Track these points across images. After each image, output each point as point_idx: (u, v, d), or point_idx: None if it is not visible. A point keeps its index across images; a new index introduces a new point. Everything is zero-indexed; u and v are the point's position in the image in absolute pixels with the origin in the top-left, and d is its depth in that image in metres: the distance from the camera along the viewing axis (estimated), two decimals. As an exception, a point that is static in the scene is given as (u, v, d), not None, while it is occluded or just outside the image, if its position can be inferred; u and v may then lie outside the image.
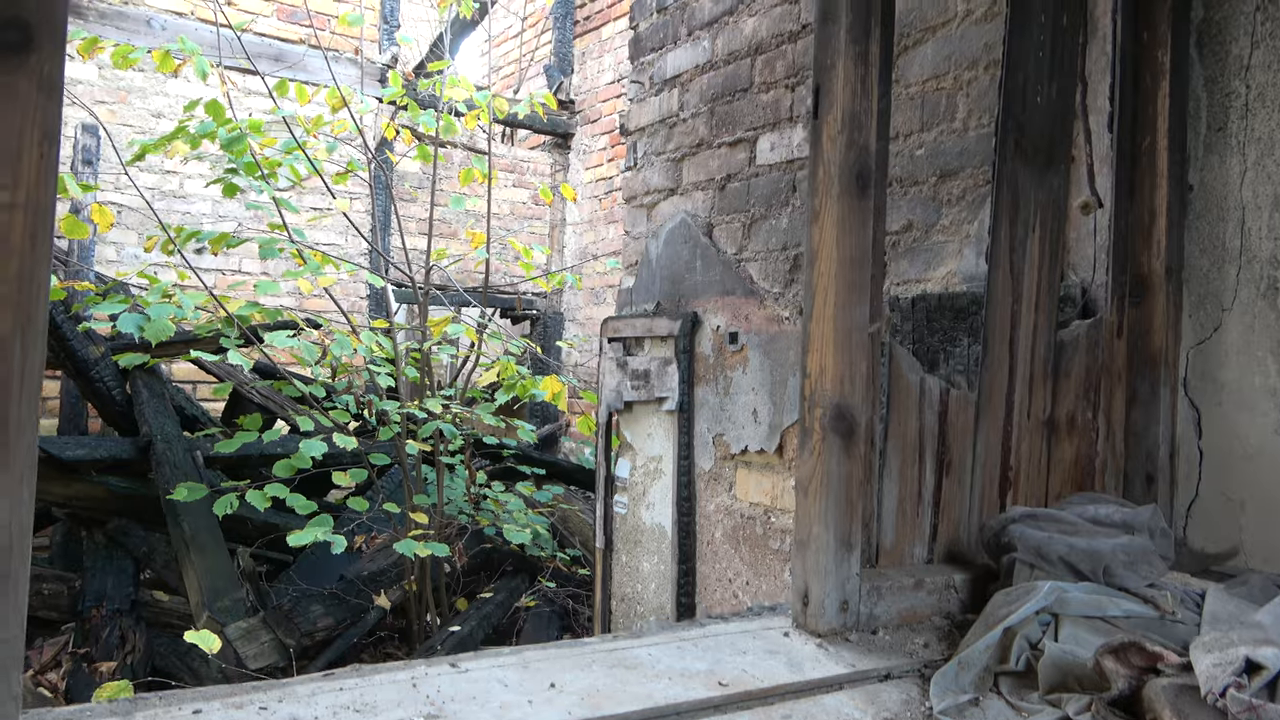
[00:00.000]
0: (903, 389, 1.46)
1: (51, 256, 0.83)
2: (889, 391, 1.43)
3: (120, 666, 3.35)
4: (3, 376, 0.79)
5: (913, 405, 1.45)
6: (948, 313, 2.01)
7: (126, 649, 3.41)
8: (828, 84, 1.25)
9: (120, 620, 3.50)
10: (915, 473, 1.43)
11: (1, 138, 0.78)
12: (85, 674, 3.28)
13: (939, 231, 2.14)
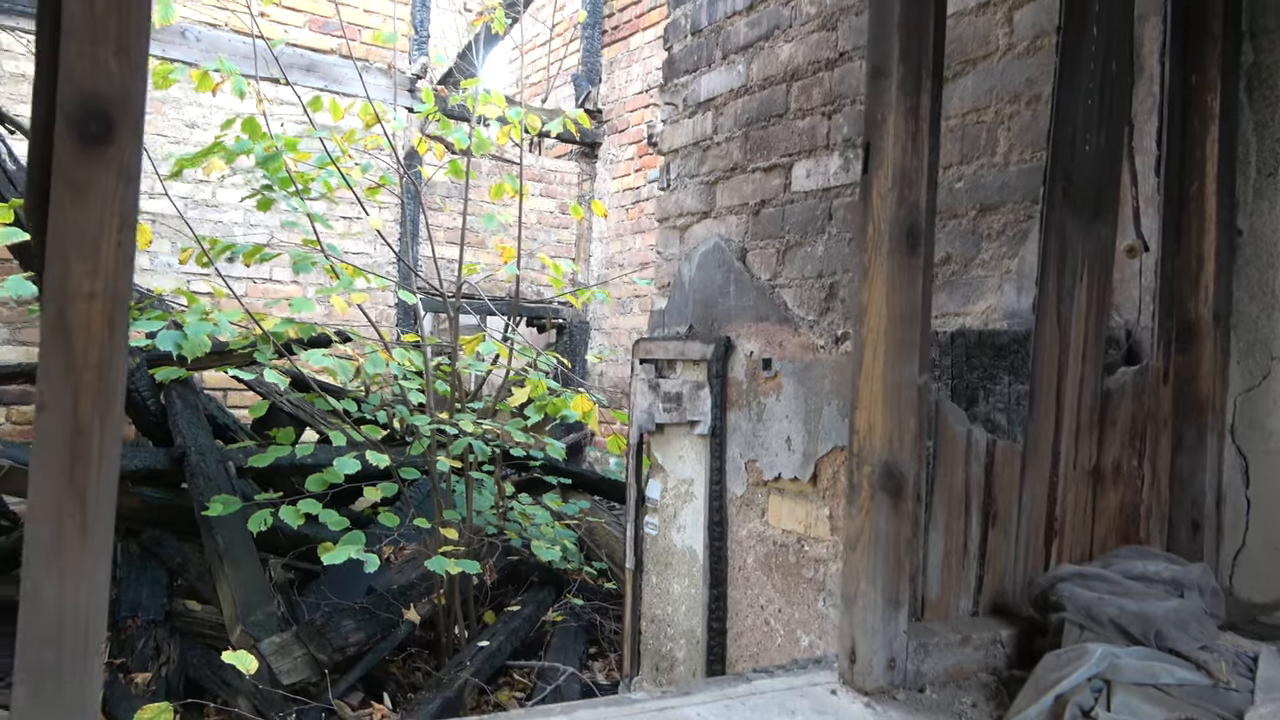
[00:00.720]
0: (949, 441, 1.46)
1: (128, 341, 0.85)
2: (935, 444, 1.43)
3: (155, 678, 3.39)
4: (83, 461, 0.81)
5: (959, 458, 1.45)
6: (988, 350, 2.00)
7: (161, 660, 3.45)
8: (878, 140, 1.25)
9: (155, 631, 3.55)
10: (961, 525, 1.43)
11: (83, 228, 0.80)
12: (122, 685, 3.33)
13: (978, 265, 2.13)
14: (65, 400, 0.80)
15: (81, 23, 0.79)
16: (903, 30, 1.23)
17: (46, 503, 0.80)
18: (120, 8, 0.80)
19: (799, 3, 2.63)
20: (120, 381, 0.83)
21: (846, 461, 1.28)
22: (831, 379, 2.45)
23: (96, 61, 0.80)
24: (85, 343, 0.80)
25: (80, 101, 0.79)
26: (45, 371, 0.80)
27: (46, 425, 0.80)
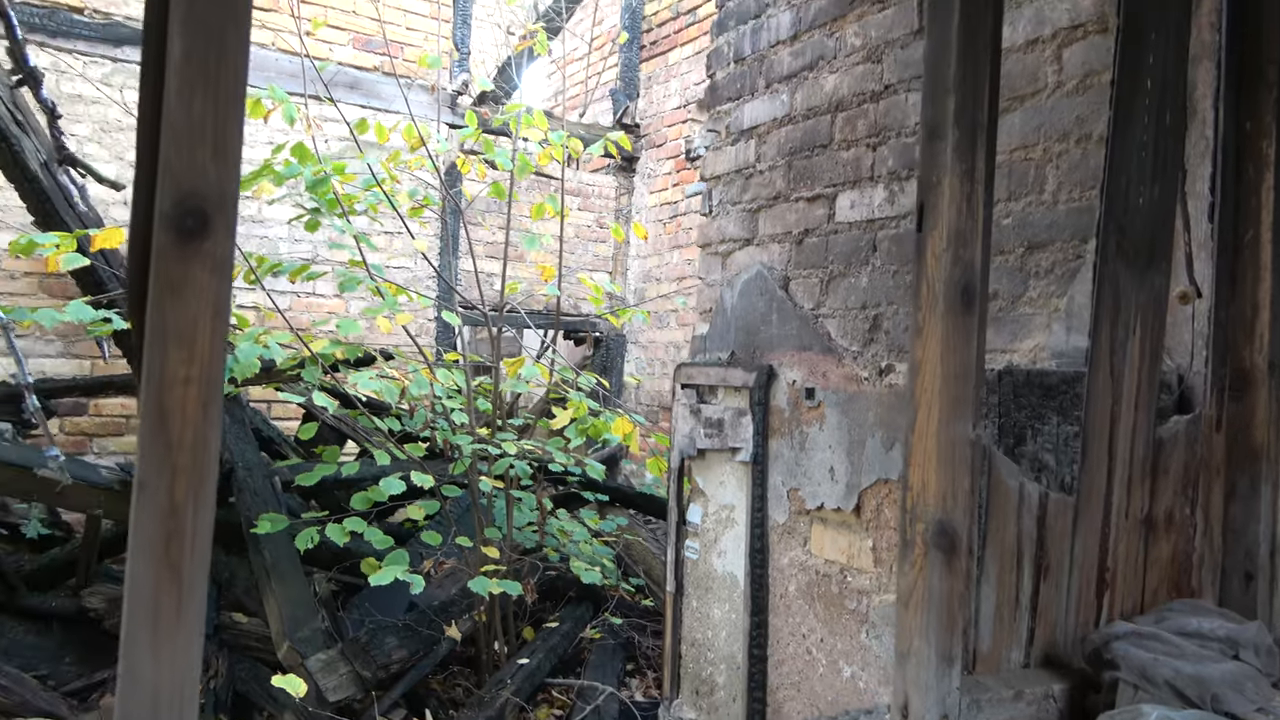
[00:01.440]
0: (1001, 494, 1.46)
1: (221, 424, 0.88)
2: (987, 497, 1.44)
3: (204, 690, 3.46)
4: (178, 539, 0.85)
5: (1011, 511, 1.45)
6: (1036, 389, 2.00)
7: (210, 673, 3.53)
8: (933, 200, 1.27)
9: (205, 644, 3.63)
10: (1013, 578, 1.44)
11: (179, 319, 0.84)
12: (172, 698, 3.40)
13: (1025, 303, 2.13)
14: (163, 480, 0.84)
15: (180, 125, 0.83)
16: (958, 93, 1.24)
17: (143, 580, 0.84)
18: (217, 111, 0.84)
19: (844, 34, 2.64)
20: (213, 462, 0.87)
21: (900, 518, 1.30)
22: (875, 411, 2.45)
23: (194, 162, 0.84)
24: (181, 425, 0.84)
25: (178, 199, 0.83)
26: (144, 453, 0.84)
27: (144, 504, 0.84)
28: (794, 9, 2.83)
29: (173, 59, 0.83)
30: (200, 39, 0.84)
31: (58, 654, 3.77)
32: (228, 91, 0.85)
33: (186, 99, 0.84)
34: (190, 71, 0.84)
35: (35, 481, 3.58)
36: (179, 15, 0.83)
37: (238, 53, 0.85)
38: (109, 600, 3.80)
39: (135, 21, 5.15)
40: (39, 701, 3.27)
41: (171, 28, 0.84)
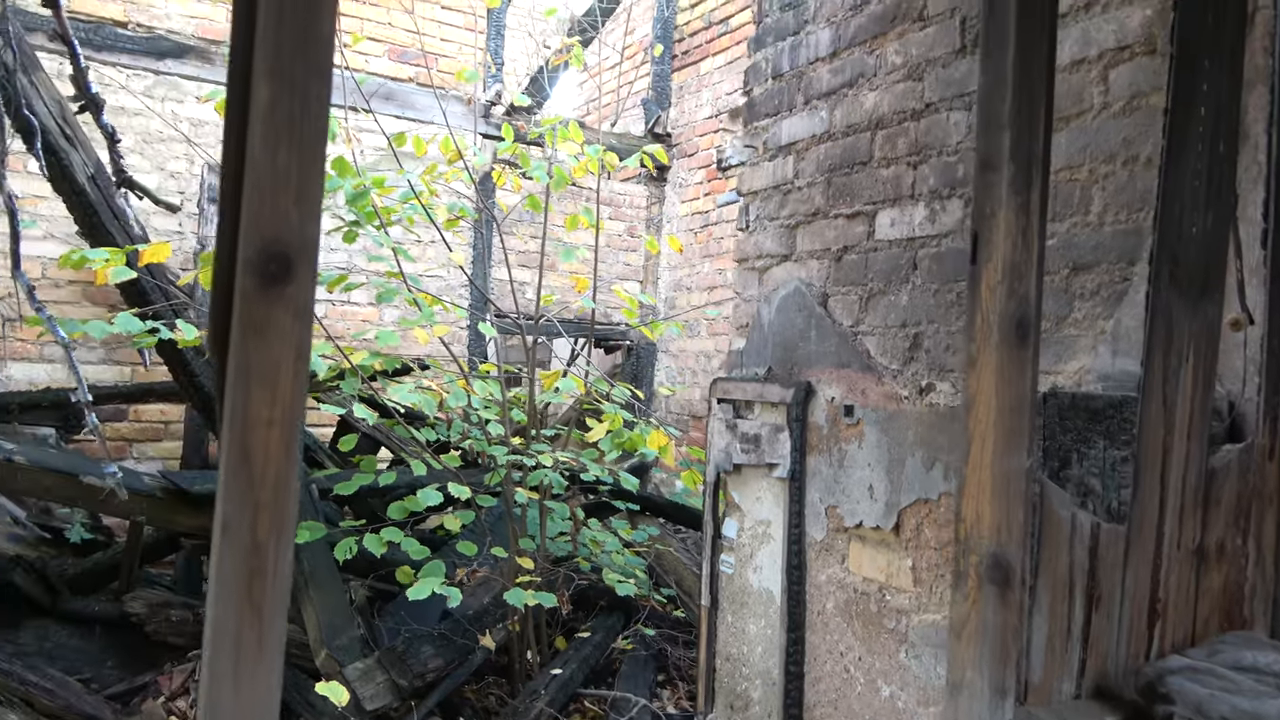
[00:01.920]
0: (1054, 525, 1.46)
1: (300, 461, 0.90)
2: (1040, 528, 1.44)
3: (243, 697, 3.51)
4: (260, 576, 0.87)
5: (1063, 542, 1.45)
6: (1082, 413, 1.99)
7: (249, 680, 3.58)
8: (987, 233, 1.27)
9: (243, 651, 3.68)
10: (1064, 609, 1.43)
11: (264, 363, 0.86)
12: (212, 703, 3.45)
13: (1070, 325, 2.12)
14: (245, 519, 0.86)
15: (265, 174, 0.86)
16: (1013, 127, 1.24)
17: (225, 617, 0.86)
18: (301, 160, 0.86)
19: (884, 52, 2.64)
20: (294, 501, 0.89)
21: (953, 549, 1.30)
22: (916, 430, 2.45)
23: (278, 208, 0.86)
24: (264, 464, 0.87)
25: (262, 245, 0.86)
26: (228, 493, 0.86)
27: (228, 543, 0.86)
28: (833, 26, 2.83)
29: (258, 109, 0.86)
30: (285, 90, 0.86)
31: (100, 658, 3.84)
32: (311, 141, 0.87)
33: (271, 148, 0.86)
34: (275, 121, 0.86)
35: (80, 488, 3.65)
36: (264, 67, 0.86)
37: (320, 104, 0.87)
38: (150, 605, 3.86)
39: (177, 35, 5.25)
40: (83, 705, 3.33)
41: (257, 79, 0.86)
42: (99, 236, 3.73)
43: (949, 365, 2.38)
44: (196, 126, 5.29)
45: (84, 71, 2.64)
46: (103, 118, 2.81)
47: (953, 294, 2.39)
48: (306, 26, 0.86)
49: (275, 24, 0.85)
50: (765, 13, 3.14)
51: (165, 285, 3.76)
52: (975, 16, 2.37)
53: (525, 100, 4.13)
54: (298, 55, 0.86)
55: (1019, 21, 1.23)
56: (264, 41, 0.86)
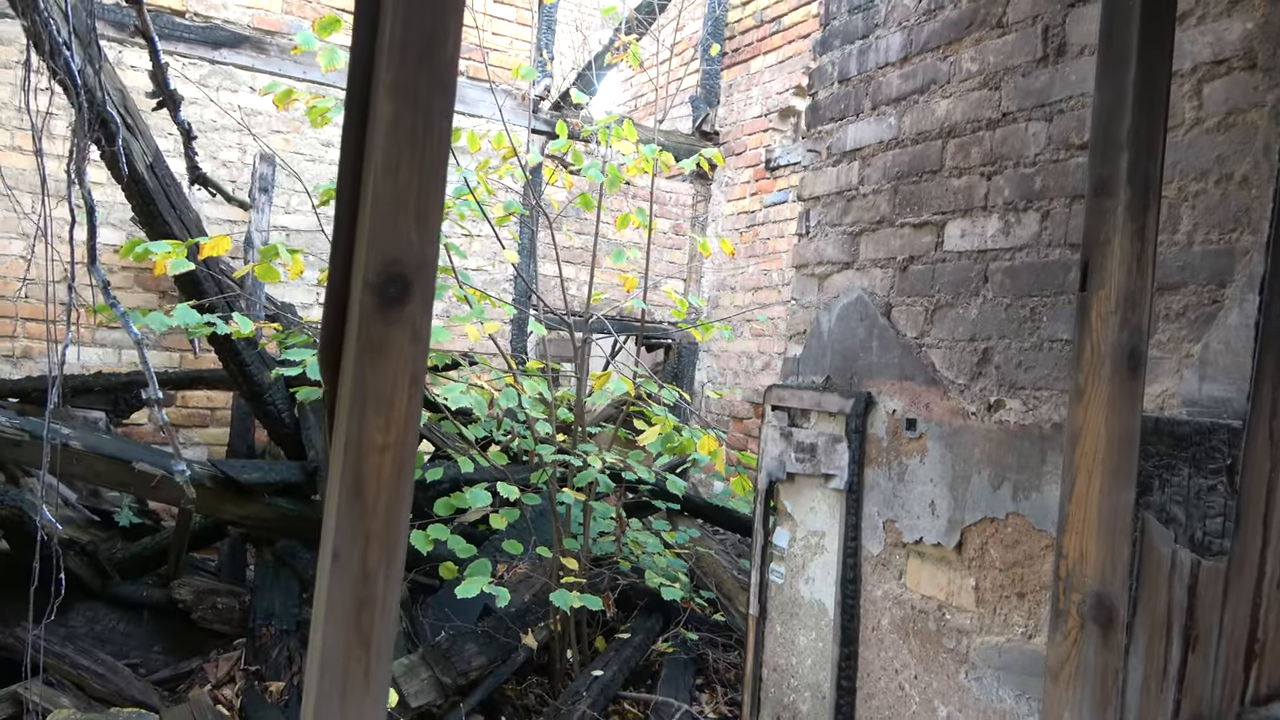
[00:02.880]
0: (1154, 563, 1.41)
1: (412, 491, 0.88)
2: (1139, 565, 1.39)
3: (288, 687, 3.53)
4: (369, 606, 0.84)
5: (1163, 579, 1.40)
6: (1166, 438, 1.93)
7: (294, 670, 3.60)
8: (1100, 259, 1.22)
9: (288, 640, 3.70)
10: (1162, 648, 1.38)
11: (380, 385, 0.84)
12: (257, 692, 3.48)
13: (1154, 346, 2.05)
14: (356, 548, 0.84)
15: (386, 194, 0.83)
16: (1132, 148, 1.19)
17: (334, 647, 0.84)
18: (422, 180, 0.83)
19: (959, 59, 2.58)
20: (405, 529, 0.87)
21: (1052, 586, 1.25)
22: (983, 448, 2.39)
23: (398, 230, 0.83)
24: (376, 491, 0.84)
25: (381, 267, 0.83)
26: (340, 522, 0.84)
27: (337, 573, 0.84)
28: (905, 31, 2.77)
29: (380, 125, 0.83)
30: (408, 108, 0.83)
31: (147, 642, 3.88)
32: (433, 160, 0.85)
33: (393, 167, 0.83)
34: (398, 138, 0.83)
35: (132, 474, 3.68)
36: (386, 83, 0.83)
37: (444, 121, 0.85)
38: (196, 592, 3.90)
39: (233, 25, 5.27)
40: (133, 691, 3.36)
41: (378, 95, 0.84)
42: (155, 224, 3.75)
43: (1020, 382, 2.32)
44: (250, 116, 5.32)
45: (164, 69, 2.65)
46: (180, 114, 2.81)
47: (1026, 309, 2.32)
48: (431, 40, 0.84)
49: (400, 37, 0.83)
50: (832, 15, 3.08)
51: (219, 276, 3.78)
52: (1059, 25, 2.30)
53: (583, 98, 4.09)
54: (421, 70, 0.84)
55: (1142, 38, 1.18)
56: (388, 55, 0.83)
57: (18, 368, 4.98)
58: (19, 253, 4.94)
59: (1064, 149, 2.26)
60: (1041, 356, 2.27)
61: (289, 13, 5.40)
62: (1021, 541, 2.27)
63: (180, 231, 3.74)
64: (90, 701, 3.30)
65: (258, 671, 3.60)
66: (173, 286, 4.93)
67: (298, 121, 5.48)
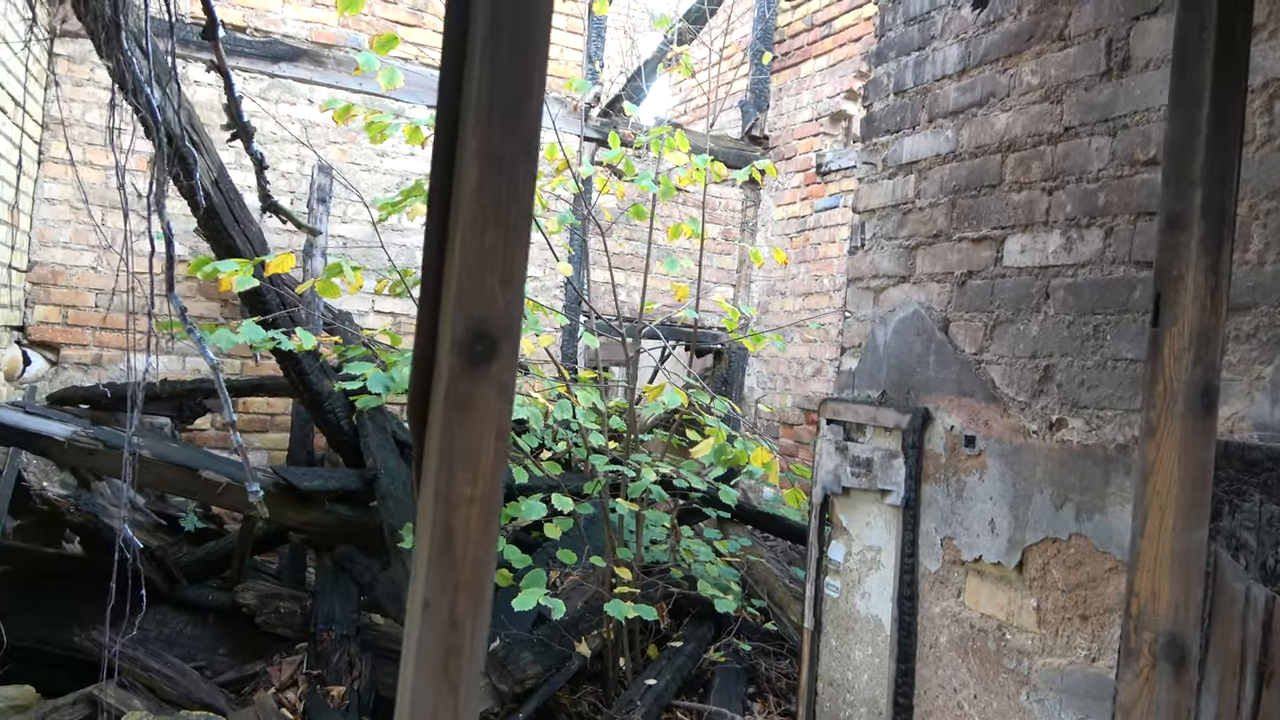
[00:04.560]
0: (1227, 599, 1.39)
1: (496, 540, 0.90)
2: (1211, 601, 1.37)
3: (348, 691, 3.61)
4: (457, 654, 0.87)
5: (1236, 615, 1.38)
6: (1236, 462, 1.90)
7: (354, 675, 3.68)
8: (1172, 295, 1.21)
9: (348, 645, 3.78)
10: (1235, 686, 1.36)
11: (467, 441, 0.86)
12: (319, 697, 3.56)
13: (1224, 369, 2.01)
14: (445, 597, 0.87)
15: (473, 254, 0.86)
16: (1205, 184, 1.18)
17: (423, 694, 0.87)
18: (508, 241, 0.86)
19: (1019, 71, 2.55)
20: (491, 577, 0.89)
21: (1122, 623, 1.24)
22: (1045, 467, 2.37)
23: (484, 290, 0.86)
24: (464, 543, 0.87)
25: (469, 325, 0.86)
26: (429, 572, 0.87)
27: (427, 621, 0.87)
28: (963, 43, 2.75)
29: (467, 189, 0.86)
30: (494, 171, 0.86)
31: (212, 645, 3.99)
32: (517, 222, 0.87)
33: (479, 229, 0.86)
34: (483, 202, 0.86)
35: (199, 482, 3.79)
36: (472, 147, 0.86)
37: (528, 183, 0.87)
38: (260, 597, 4.00)
39: (292, 39, 5.39)
40: (200, 693, 3.46)
41: (465, 158, 0.86)
42: (220, 238, 3.86)
43: (1083, 401, 2.29)
44: (308, 128, 5.43)
45: (237, 101, 2.73)
46: (253, 145, 2.90)
47: (1089, 327, 2.29)
48: (517, 106, 0.86)
49: (486, 103, 0.85)
50: (888, 26, 3.06)
51: (281, 290, 3.87)
52: (1123, 38, 2.27)
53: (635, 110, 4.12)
54: (507, 135, 0.86)
55: (1216, 73, 1.17)
56: (474, 120, 0.85)
57: (88, 375, 5.15)
58: (90, 264, 5.11)
59: (1128, 165, 2.23)
60: (1105, 375, 2.24)
61: (345, 26, 5.51)
62: (1085, 563, 2.24)
63: (244, 245, 3.84)
64: (161, 704, 3.41)
65: (319, 676, 3.68)
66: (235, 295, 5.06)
67: (353, 133, 5.58)
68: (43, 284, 5.04)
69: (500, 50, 0.85)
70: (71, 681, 3.55)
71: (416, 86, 5.47)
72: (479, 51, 0.85)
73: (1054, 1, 2.45)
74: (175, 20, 2.22)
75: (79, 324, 5.14)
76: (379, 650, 3.89)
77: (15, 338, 4.94)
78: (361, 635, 3.90)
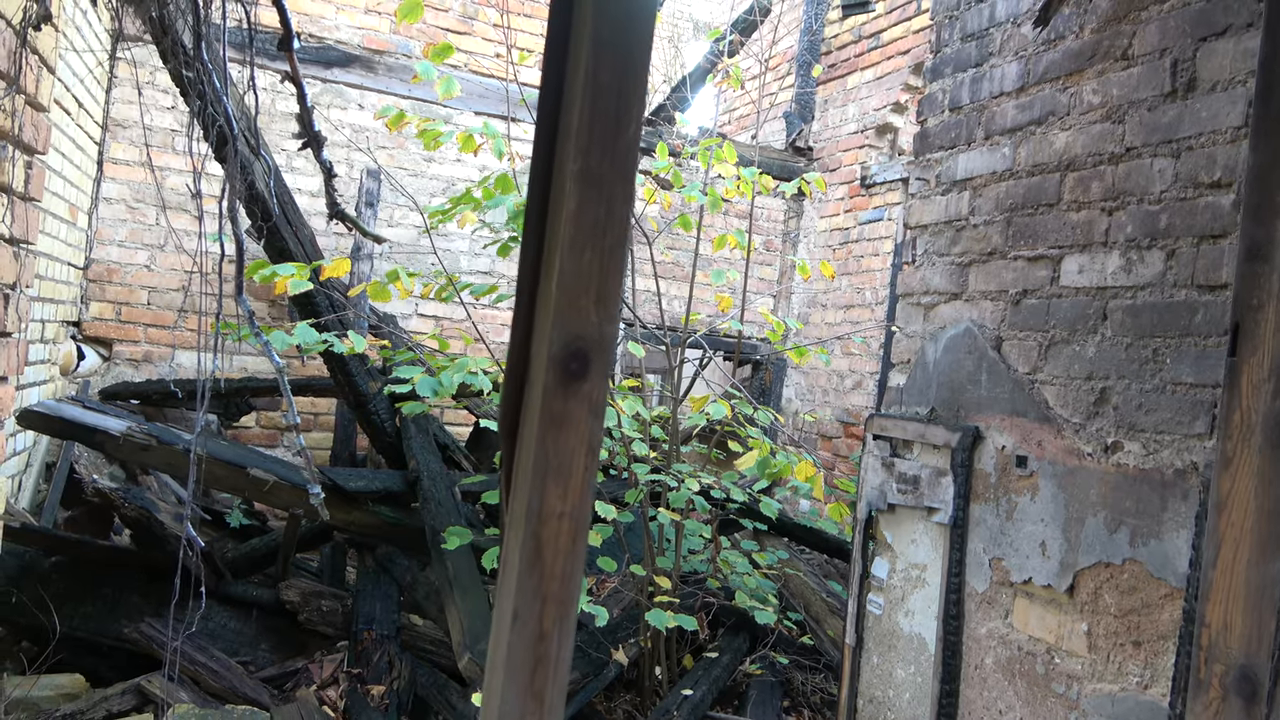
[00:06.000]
0: (1299, 633, 1.37)
1: (585, 555, 0.92)
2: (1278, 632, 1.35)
3: (388, 691, 3.65)
4: (544, 665, 0.89)
5: (1309, 651, 1.36)
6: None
7: (394, 675, 3.72)
8: (1251, 325, 1.20)
9: (388, 646, 3.82)
10: (1306, 722, 1.35)
11: (559, 456, 0.88)
12: (360, 695, 3.61)
13: None
14: (534, 609, 0.88)
15: (570, 275, 0.87)
16: (1290, 213, 1.17)
17: (510, 704, 0.89)
18: (603, 263, 0.88)
19: (1080, 90, 2.53)
20: (578, 591, 0.91)
21: (1193, 654, 1.23)
22: (1099, 490, 2.34)
23: (579, 308, 0.88)
24: (554, 556, 0.89)
25: (565, 343, 0.88)
26: (520, 584, 0.89)
27: (517, 633, 0.89)
28: (1022, 60, 2.73)
29: (566, 212, 0.87)
30: (592, 194, 0.88)
31: (255, 640, 4.05)
32: (613, 245, 0.89)
33: (578, 251, 0.88)
34: (582, 225, 0.88)
35: (247, 480, 3.86)
36: (573, 171, 0.87)
37: (625, 206, 0.89)
38: (303, 594, 4.06)
39: (344, 45, 5.48)
40: (245, 688, 3.52)
41: (565, 183, 0.88)
42: (273, 240, 3.93)
43: (1140, 425, 2.26)
44: (359, 133, 5.52)
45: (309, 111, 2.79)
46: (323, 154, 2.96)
47: (1148, 350, 2.27)
48: (616, 132, 0.88)
49: (586, 128, 0.87)
50: (944, 42, 3.05)
51: (331, 293, 3.94)
52: (1188, 59, 2.24)
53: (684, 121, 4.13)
54: (605, 159, 0.88)
55: (1302, 102, 1.16)
56: (573, 144, 0.87)
57: (139, 370, 5.26)
58: (144, 262, 5.22)
59: (1192, 187, 2.21)
60: (1164, 399, 2.21)
61: (397, 33, 5.59)
62: (1139, 589, 2.22)
63: (295, 247, 3.91)
64: (205, 697, 3.47)
65: (360, 675, 3.73)
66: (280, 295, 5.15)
67: (401, 138, 5.66)
68: (98, 281, 5.16)
69: (602, 75, 0.87)
70: (116, 671, 3.63)
71: (466, 94, 5.53)
72: (581, 75, 0.87)
73: (1117, 21, 2.44)
74: (254, 31, 2.27)
75: (131, 320, 5.25)
76: (418, 651, 3.93)
77: (71, 333, 5.05)
78: (401, 636, 3.94)
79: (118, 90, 5.15)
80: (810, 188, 3.90)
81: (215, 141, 2.64)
